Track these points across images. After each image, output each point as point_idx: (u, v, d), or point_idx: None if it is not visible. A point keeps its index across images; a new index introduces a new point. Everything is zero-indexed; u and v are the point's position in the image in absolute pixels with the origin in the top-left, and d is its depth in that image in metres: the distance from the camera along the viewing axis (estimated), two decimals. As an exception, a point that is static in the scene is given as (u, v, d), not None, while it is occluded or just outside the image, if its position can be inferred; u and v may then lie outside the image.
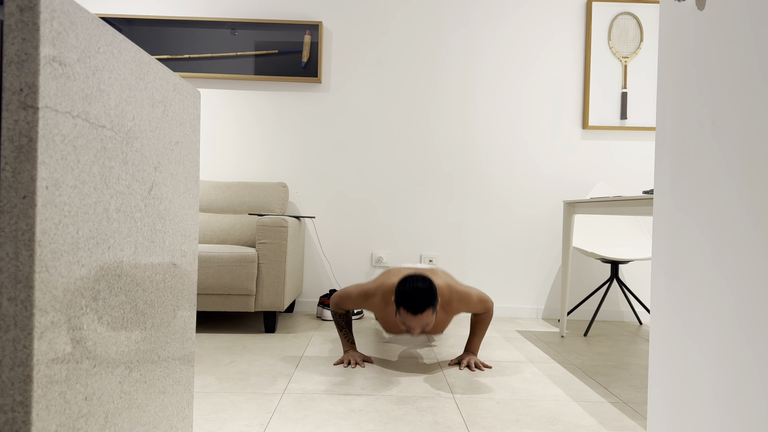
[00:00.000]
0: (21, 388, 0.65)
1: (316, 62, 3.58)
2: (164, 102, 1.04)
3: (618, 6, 3.62)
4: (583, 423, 1.75)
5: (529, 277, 3.66)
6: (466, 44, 3.64)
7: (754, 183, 0.78)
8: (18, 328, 0.65)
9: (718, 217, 0.86)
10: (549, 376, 2.27)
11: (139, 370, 0.97)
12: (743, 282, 0.80)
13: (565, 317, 3.10)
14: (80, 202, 0.74)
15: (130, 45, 0.88)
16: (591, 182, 3.66)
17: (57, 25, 0.67)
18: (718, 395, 0.85)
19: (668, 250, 1.00)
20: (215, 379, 2.09)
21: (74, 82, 0.72)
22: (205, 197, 3.39)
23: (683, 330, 0.95)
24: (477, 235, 3.64)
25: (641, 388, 2.14)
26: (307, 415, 1.75)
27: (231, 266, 2.79)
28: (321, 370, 2.26)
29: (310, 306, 3.64)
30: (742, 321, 0.80)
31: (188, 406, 1.25)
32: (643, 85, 3.63)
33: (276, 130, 3.63)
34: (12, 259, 0.64)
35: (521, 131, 3.65)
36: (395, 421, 1.71)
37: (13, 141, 0.64)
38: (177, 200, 1.13)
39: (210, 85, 3.63)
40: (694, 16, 0.94)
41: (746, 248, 0.79)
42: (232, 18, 3.60)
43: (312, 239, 3.64)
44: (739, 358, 0.80)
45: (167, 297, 1.10)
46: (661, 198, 1.04)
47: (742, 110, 0.81)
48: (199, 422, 1.66)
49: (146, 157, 0.97)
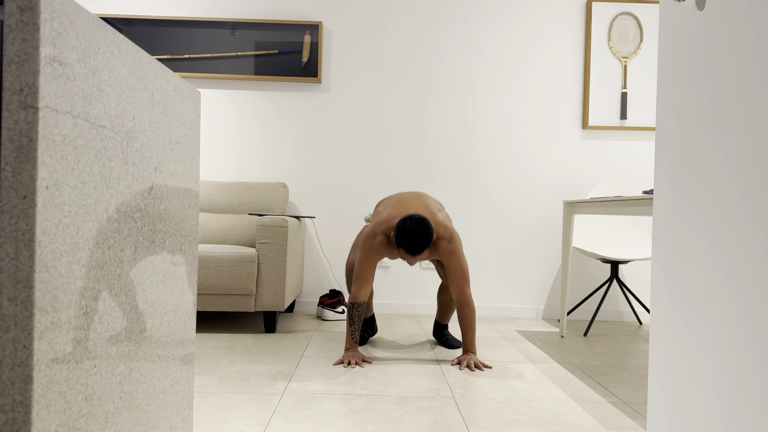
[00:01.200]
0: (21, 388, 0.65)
1: (316, 62, 3.58)
2: (164, 102, 1.04)
3: (618, 6, 3.62)
4: (583, 423, 1.75)
5: (529, 277, 3.66)
6: (465, 44, 3.64)
7: (755, 182, 0.78)
8: (18, 328, 0.65)
9: (718, 217, 0.86)
10: (549, 376, 2.27)
11: (139, 370, 0.97)
12: (743, 282, 0.80)
13: (565, 317, 3.10)
14: (80, 202, 0.74)
15: (130, 45, 0.88)
16: (591, 182, 3.66)
17: (57, 25, 0.67)
18: (718, 395, 0.85)
19: (668, 250, 1.00)
20: (215, 379, 2.09)
21: (74, 82, 0.72)
22: (205, 197, 3.39)
23: (683, 330, 0.95)
24: (477, 235, 3.64)
25: (641, 388, 2.14)
26: (307, 415, 1.75)
27: (231, 266, 2.79)
28: (321, 370, 2.26)
29: (310, 306, 3.64)
30: (742, 321, 0.80)
31: (188, 406, 1.25)
32: (643, 85, 3.63)
33: (276, 130, 3.64)
34: (12, 259, 0.64)
35: (521, 131, 3.65)
36: (395, 421, 1.71)
37: (13, 141, 0.64)
38: (177, 200, 1.13)
39: (210, 85, 3.63)
40: (694, 16, 0.94)
41: (746, 248, 0.79)
42: (232, 18, 3.60)
43: (312, 239, 3.64)
44: (739, 358, 0.80)
45: (167, 297, 1.10)
46: (661, 198, 1.04)
47: (742, 110, 0.81)
48: (199, 422, 1.66)
49: (146, 157, 0.97)
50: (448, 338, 2.75)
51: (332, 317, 3.34)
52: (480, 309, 3.63)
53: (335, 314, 3.35)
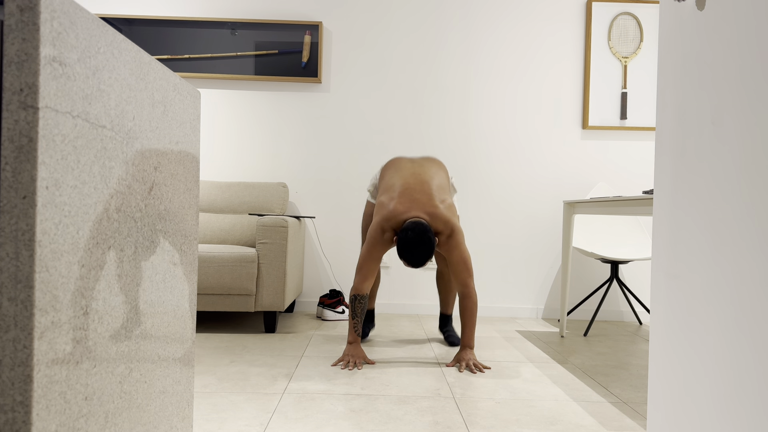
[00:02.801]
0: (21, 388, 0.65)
1: (316, 62, 3.58)
2: (164, 102, 1.04)
3: (618, 6, 3.62)
4: (583, 423, 1.75)
5: (529, 277, 3.66)
6: (466, 44, 3.64)
7: (754, 183, 0.78)
8: (18, 328, 0.65)
9: (718, 217, 0.86)
10: (549, 376, 2.27)
11: (139, 370, 0.97)
12: (743, 282, 0.80)
13: (565, 317, 3.11)
14: (80, 202, 0.74)
15: (130, 45, 0.88)
16: (591, 182, 3.66)
17: (57, 25, 0.67)
18: (717, 395, 0.85)
19: (668, 250, 1.00)
20: (215, 379, 2.09)
21: (74, 82, 0.72)
22: (205, 197, 3.39)
23: (683, 330, 0.95)
24: (477, 234, 3.64)
25: (641, 388, 2.14)
26: (307, 415, 1.75)
27: (231, 266, 2.79)
28: (321, 370, 2.26)
29: (310, 306, 3.64)
30: (742, 321, 0.80)
31: (188, 406, 1.25)
32: (643, 85, 3.63)
33: (276, 130, 3.64)
34: (12, 259, 0.64)
35: (521, 131, 3.65)
36: (395, 421, 1.71)
37: (14, 141, 0.64)
38: (177, 200, 1.13)
39: (210, 85, 3.63)
40: (694, 16, 0.94)
41: (746, 248, 0.79)
42: (232, 18, 3.60)
43: (312, 239, 3.64)
44: (738, 358, 0.80)
45: (167, 297, 1.10)
46: (660, 198, 1.04)
47: (742, 110, 0.81)
48: (199, 422, 1.66)
49: (146, 157, 0.97)
50: (449, 334, 2.75)
51: (332, 317, 3.34)
52: (480, 309, 3.63)
53: (335, 314, 3.35)
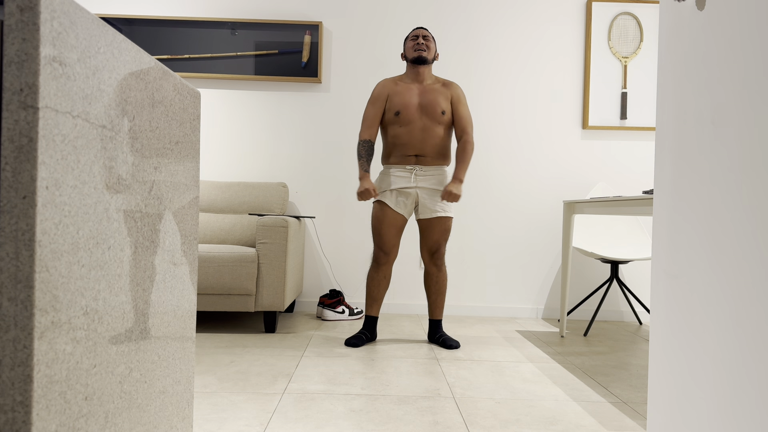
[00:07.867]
0: (21, 388, 0.65)
1: (316, 62, 3.58)
2: (164, 102, 1.04)
3: (618, 6, 3.62)
4: (583, 423, 1.75)
5: (529, 276, 3.66)
6: (465, 44, 3.64)
7: (754, 183, 0.78)
8: (18, 328, 0.65)
9: (718, 217, 0.86)
10: (549, 375, 2.27)
11: (139, 370, 0.97)
12: (743, 281, 0.80)
13: (565, 317, 3.11)
14: (80, 202, 0.74)
15: (130, 45, 0.88)
16: (591, 182, 3.66)
17: (57, 25, 0.67)
18: (717, 395, 0.85)
19: (668, 250, 1.00)
20: (215, 379, 2.09)
21: (74, 82, 0.72)
22: (205, 197, 3.39)
23: (683, 330, 0.95)
24: (477, 234, 3.64)
25: (641, 388, 2.14)
26: (307, 415, 1.75)
27: (231, 266, 2.79)
28: (321, 370, 2.26)
29: (310, 306, 3.64)
30: (742, 320, 0.80)
31: (188, 406, 1.25)
32: (643, 85, 3.63)
33: (276, 130, 3.63)
34: (12, 259, 0.64)
35: (521, 131, 3.65)
36: (395, 421, 1.71)
37: (14, 141, 0.64)
38: (177, 200, 1.13)
39: (210, 85, 3.63)
40: (694, 16, 0.94)
41: (746, 247, 0.79)
42: (232, 18, 3.60)
43: (312, 239, 3.64)
44: (738, 358, 0.80)
45: (167, 297, 1.10)
46: (660, 198, 1.04)
47: (742, 110, 0.81)
48: (199, 422, 1.66)
49: (146, 157, 0.97)
50: (444, 338, 2.74)
51: (332, 317, 3.34)
52: (480, 309, 3.63)
53: (335, 314, 3.35)
